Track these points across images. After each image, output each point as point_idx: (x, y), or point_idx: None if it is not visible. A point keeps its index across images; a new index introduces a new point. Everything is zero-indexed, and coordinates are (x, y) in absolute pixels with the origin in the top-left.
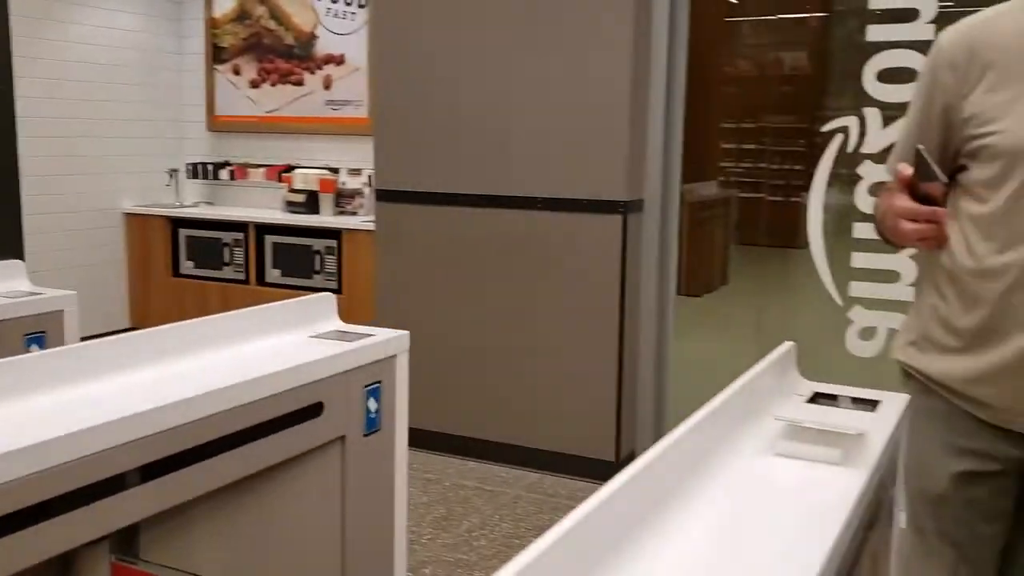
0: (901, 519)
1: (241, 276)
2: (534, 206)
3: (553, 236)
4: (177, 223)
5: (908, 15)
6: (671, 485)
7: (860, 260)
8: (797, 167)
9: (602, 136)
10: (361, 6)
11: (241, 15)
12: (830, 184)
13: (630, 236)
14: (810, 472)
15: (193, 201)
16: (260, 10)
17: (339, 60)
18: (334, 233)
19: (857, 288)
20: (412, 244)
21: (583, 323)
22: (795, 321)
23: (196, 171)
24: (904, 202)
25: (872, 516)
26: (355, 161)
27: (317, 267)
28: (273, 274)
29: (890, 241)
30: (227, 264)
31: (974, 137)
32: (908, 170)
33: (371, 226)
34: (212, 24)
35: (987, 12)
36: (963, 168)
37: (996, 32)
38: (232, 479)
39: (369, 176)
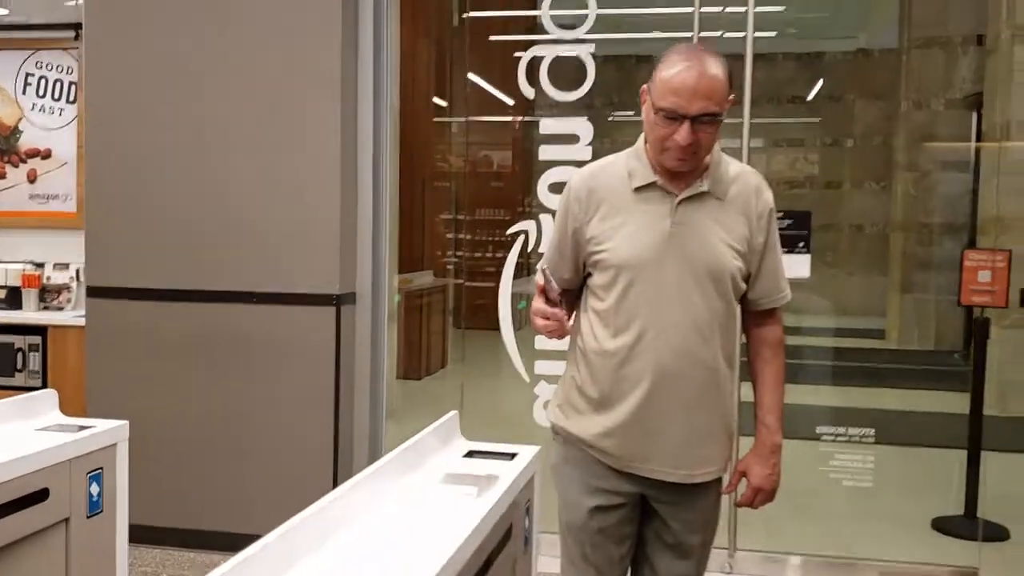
0: (539, 547)
1: None
2: (250, 300)
3: (270, 329)
4: None
5: (571, 139)
6: (338, 525)
7: (541, 342)
8: (505, 256)
9: (315, 234)
10: (70, 102)
11: None
12: (518, 276)
13: (344, 327)
14: (454, 505)
15: None
16: None
17: (45, 154)
18: (39, 329)
19: (540, 366)
20: (125, 339)
21: (300, 412)
22: (495, 396)
23: None
24: (538, 303)
25: (504, 536)
26: (62, 255)
27: (19, 365)
28: None
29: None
30: None
31: (593, 253)
32: (541, 281)
33: (81, 321)
34: None
35: (604, 160)
36: (589, 275)
37: (607, 176)
38: None
39: (77, 271)
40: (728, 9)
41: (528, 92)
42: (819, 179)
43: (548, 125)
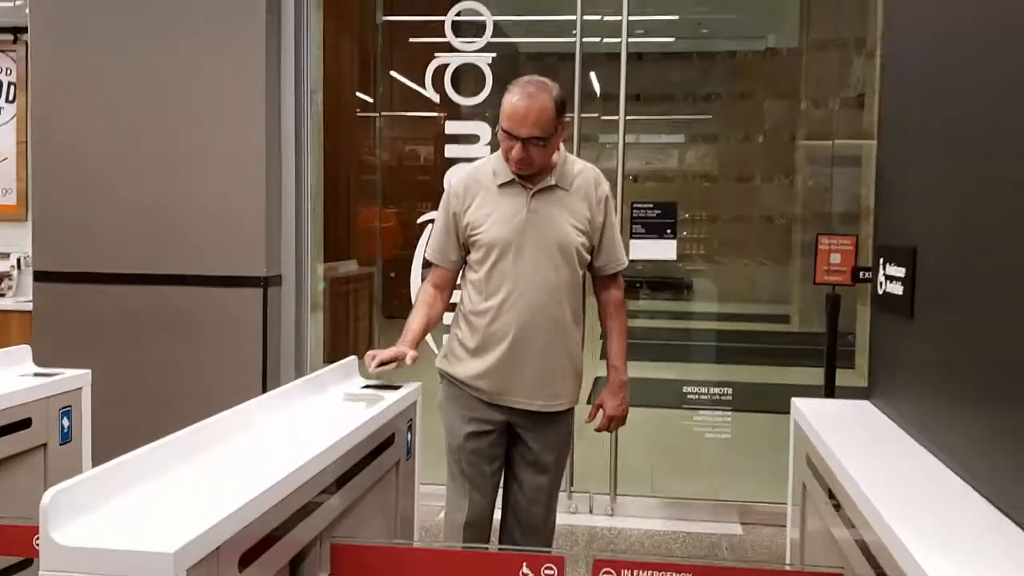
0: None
1: None
2: (184, 282)
3: (202, 309)
4: None
5: (472, 139)
6: (255, 421)
7: (448, 319)
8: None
9: (243, 221)
10: (9, 101)
11: None
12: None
13: (271, 307)
14: (351, 415)
15: None
16: None
17: None
18: None
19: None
20: (70, 321)
21: (230, 390)
22: (414, 372)
23: None
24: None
25: (388, 439)
26: (3, 246)
27: None
28: None
29: None
30: None
31: (471, 235)
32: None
33: (23, 306)
34: None
35: (477, 162)
36: (468, 251)
37: (479, 175)
38: None
39: (18, 259)
40: (607, 18)
41: (434, 97)
42: (731, 173)
43: (452, 126)
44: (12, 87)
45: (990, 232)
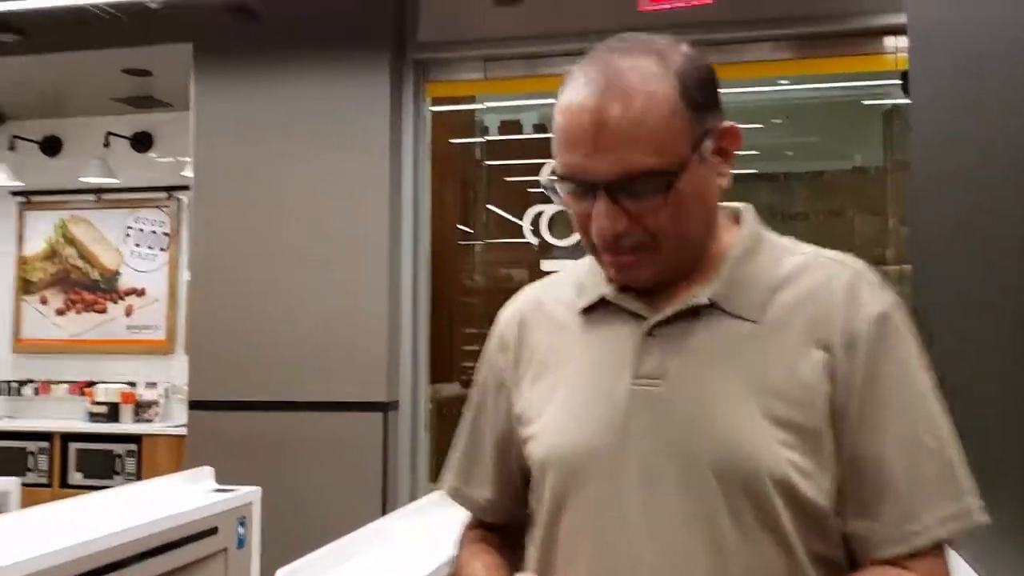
0: None
1: (44, 480)
2: (316, 408)
3: (332, 433)
4: None
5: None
6: (388, 535)
7: None
8: None
9: (367, 351)
10: (162, 249)
11: (51, 254)
12: None
13: (389, 431)
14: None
15: None
16: (68, 250)
17: (140, 292)
18: (134, 438)
19: None
20: (219, 443)
21: (353, 508)
22: None
23: None
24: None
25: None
26: (152, 376)
27: (118, 468)
28: (76, 477)
29: None
30: (30, 470)
31: (524, 440)
32: None
33: (169, 431)
34: (22, 261)
35: (554, 276)
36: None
37: (551, 301)
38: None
39: (165, 388)
40: None
41: (532, 240)
42: None
43: (547, 265)
44: (166, 237)
45: None
